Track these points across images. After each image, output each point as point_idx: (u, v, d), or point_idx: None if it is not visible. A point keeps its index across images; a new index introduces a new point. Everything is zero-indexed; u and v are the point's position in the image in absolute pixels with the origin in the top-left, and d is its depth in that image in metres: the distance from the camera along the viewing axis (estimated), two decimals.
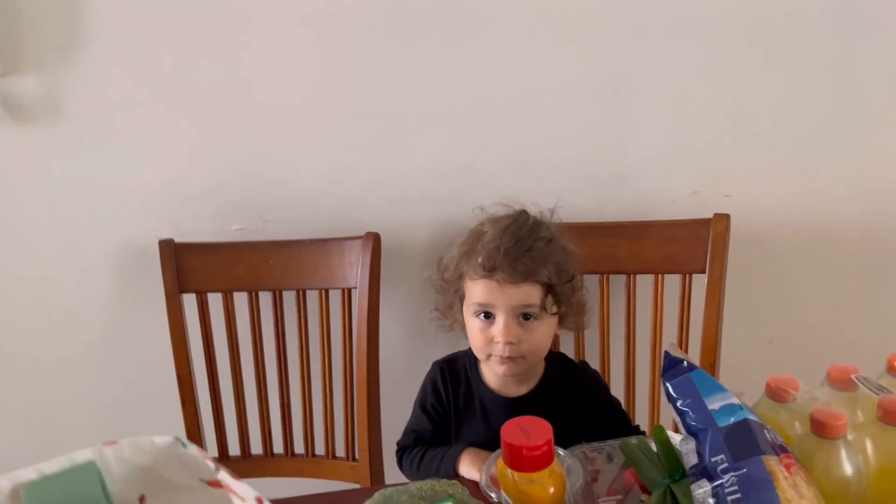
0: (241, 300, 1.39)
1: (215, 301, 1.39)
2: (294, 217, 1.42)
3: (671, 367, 0.79)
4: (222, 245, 1.39)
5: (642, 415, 1.37)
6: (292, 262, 1.37)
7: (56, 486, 0.45)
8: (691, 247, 1.30)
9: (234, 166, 1.39)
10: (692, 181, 1.37)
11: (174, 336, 1.38)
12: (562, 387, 1.10)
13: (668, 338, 1.32)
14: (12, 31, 1.28)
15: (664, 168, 1.37)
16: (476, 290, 1.03)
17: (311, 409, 1.42)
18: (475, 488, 0.89)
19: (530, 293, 1.00)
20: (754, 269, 1.41)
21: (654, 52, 1.31)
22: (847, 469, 0.71)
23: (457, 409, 1.12)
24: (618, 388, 1.32)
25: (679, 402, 0.75)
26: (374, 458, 1.38)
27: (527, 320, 1.02)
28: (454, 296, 1.09)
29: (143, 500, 0.49)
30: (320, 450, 1.43)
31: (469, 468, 1.01)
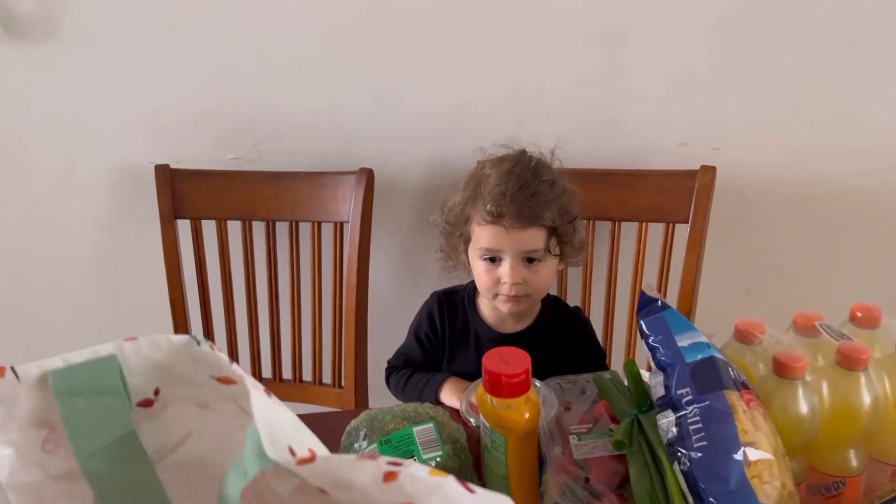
0: (234, 229, 1.41)
1: (209, 228, 1.42)
2: (289, 150, 1.43)
3: (646, 305, 0.83)
4: (217, 173, 1.40)
5: (618, 353, 1.42)
6: (286, 194, 1.39)
7: (80, 375, 0.49)
8: (677, 197, 1.33)
9: (231, 95, 1.40)
10: (682, 132, 1.39)
11: (168, 260, 1.40)
12: (554, 328, 1.14)
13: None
14: None
15: (655, 118, 1.39)
16: (483, 235, 1.04)
17: (300, 337, 1.46)
18: (455, 414, 0.94)
19: (536, 237, 1.03)
20: (736, 222, 1.44)
21: None
22: (803, 408, 0.75)
23: (451, 339, 1.16)
24: (597, 326, 1.36)
25: (651, 338, 0.79)
26: (360, 386, 1.43)
27: (531, 263, 1.05)
28: (459, 238, 1.10)
29: (157, 392, 0.53)
30: (307, 376, 1.48)
31: (450, 396, 1.06)
